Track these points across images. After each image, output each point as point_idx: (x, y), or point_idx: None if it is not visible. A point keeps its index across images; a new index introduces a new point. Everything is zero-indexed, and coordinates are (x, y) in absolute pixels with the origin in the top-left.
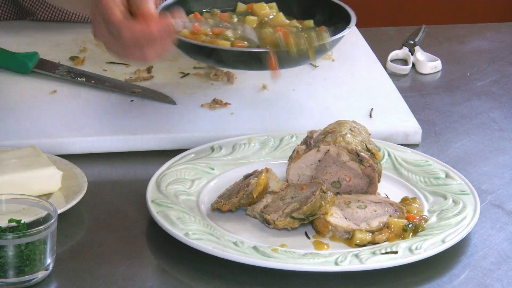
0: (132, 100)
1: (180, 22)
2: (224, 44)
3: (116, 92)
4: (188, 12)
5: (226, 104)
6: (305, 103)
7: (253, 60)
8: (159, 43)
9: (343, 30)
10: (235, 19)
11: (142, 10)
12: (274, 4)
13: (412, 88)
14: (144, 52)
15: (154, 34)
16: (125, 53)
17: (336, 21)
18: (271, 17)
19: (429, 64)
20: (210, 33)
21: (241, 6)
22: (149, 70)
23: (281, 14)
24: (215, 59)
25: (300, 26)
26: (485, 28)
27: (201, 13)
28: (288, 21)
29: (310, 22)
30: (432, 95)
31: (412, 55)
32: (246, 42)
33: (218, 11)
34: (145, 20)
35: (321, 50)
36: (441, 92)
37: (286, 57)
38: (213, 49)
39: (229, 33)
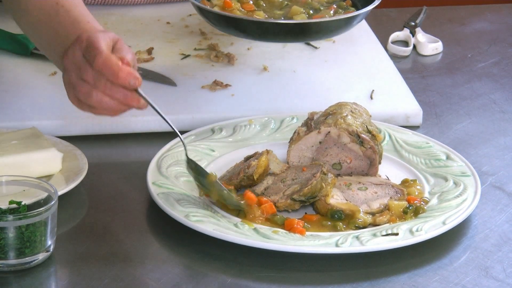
0: None
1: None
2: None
3: None
4: None
5: (226, 85)
6: (306, 85)
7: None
8: (114, 89)
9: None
10: None
11: (121, 56)
12: None
13: (413, 69)
14: (93, 93)
15: (120, 75)
16: (77, 83)
17: None
18: None
19: (430, 45)
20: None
21: None
22: (149, 51)
23: None
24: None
25: (325, 0)
26: (486, 10)
27: None
28: None
29: None
30: (433, 76)
31: (413, 36)
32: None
33: None
34: (119, 60)
35: (347, 24)
36: (442, 73)
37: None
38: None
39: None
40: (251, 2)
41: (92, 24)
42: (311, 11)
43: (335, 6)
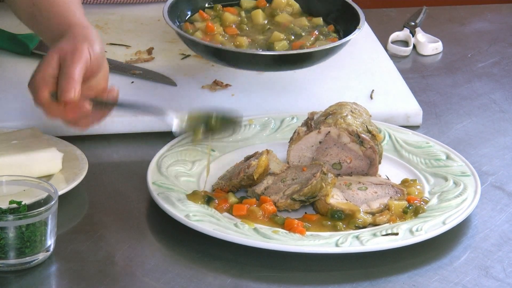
0: (132, 82)
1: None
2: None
3: (117, 74)
4: (194, 8)
5: (226, 85)
6: (306, 85)
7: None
8: (77, 121)
9: (352, 31)
10: (243, 14)
11: (63, 98)
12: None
13: (413, 69)
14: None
15: (69, 118)
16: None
17: (346, 20)
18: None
19: (430, 45)
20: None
21: (246, 2)
22: (149, 51)
23: (285, 12)
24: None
25: (308, 24)
26: (486, 9)
27: (204, 9)
28: (292, 18)
29: (319, 20)
30: (433, 76)
31: (413, 36)
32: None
33: (220, 6)
34: (64, 105)
35: (332, 52)
36: (442, 73)
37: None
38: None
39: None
40: (234, 26)
41: (69, 19)
42: (292, 37)
43: (317, 32)
